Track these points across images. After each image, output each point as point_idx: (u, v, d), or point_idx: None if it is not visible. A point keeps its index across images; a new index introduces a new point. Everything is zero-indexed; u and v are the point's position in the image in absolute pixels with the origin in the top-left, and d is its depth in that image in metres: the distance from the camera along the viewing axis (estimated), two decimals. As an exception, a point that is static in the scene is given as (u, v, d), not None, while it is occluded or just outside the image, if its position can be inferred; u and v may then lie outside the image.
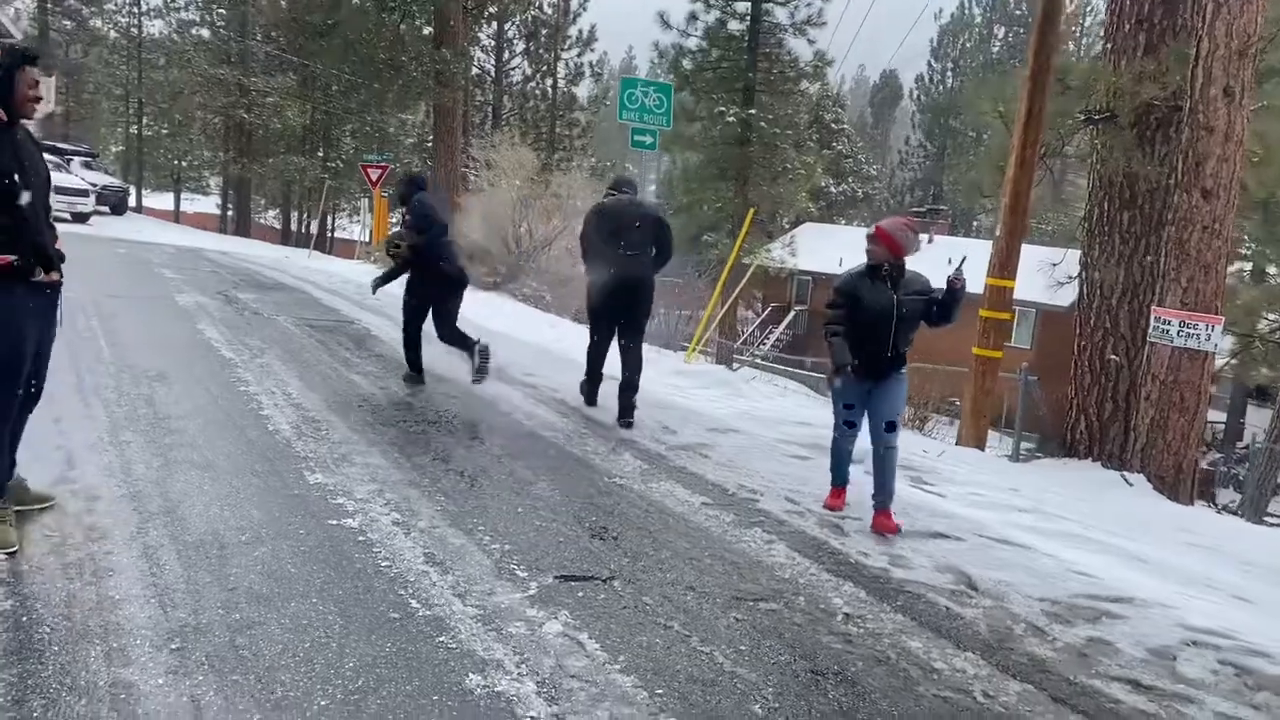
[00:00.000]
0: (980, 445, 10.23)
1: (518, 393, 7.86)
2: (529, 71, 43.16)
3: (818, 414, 8.37)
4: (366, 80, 34.88)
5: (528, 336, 11.36)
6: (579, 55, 43.47)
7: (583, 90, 45.12)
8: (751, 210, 14.46)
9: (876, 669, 3.58)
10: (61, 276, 4.04)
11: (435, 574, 3.98)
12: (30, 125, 4.00)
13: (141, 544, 3.99)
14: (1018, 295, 10.99)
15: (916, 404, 13.35)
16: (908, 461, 6.94)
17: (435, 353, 7.95)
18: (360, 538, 4.30)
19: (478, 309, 13.81)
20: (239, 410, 6.25)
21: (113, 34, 44.54)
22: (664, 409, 7.86)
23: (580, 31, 43.47)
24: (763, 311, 39.13)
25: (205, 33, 42.75)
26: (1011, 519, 5.97)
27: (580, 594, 3.94)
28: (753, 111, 28.68)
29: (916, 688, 3.46)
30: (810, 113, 37.55)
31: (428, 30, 31.64)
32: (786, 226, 40.59)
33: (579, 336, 11.89)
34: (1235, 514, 15.90)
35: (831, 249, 37.16)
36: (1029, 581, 4.64)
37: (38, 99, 3.88)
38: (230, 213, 44.51)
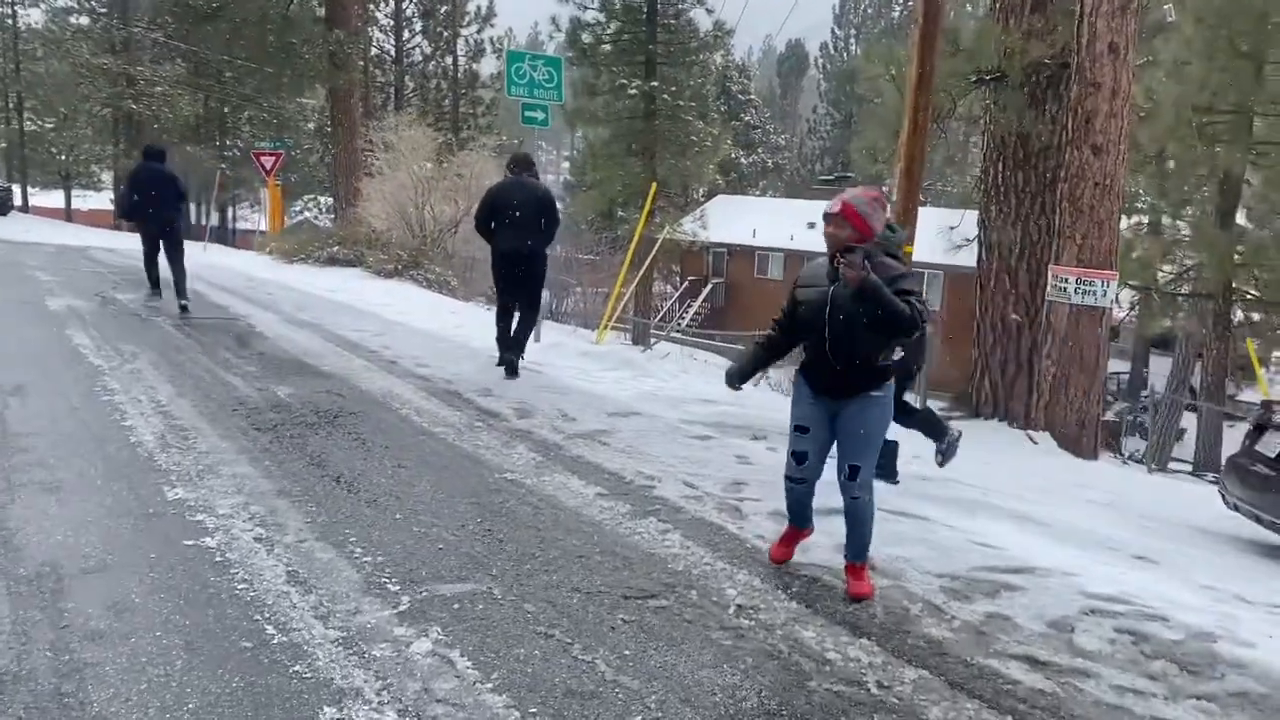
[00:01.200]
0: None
1: (408, 386, 7.53)
2: (428, 50, 42.20)
3: (723, 391, 8.21)
4: (259, 65, 33.67)
5: (426, 324, 11.00)
6: (479, 31, 42.62)
7: (486, 67, 44.32)
8: (654, 184, 14.22)
9: (767, 664, 3.40)
10: None
11: (297, 594, 3.69)
12: None
13: (-34, 582, 3.62)
14: (922, 258, 10.97)
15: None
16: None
17: (321, 352, 7.60)
18: (218, 558, 3.98)
19: (377, 296, 13.40)
20: (100, 422, 5.83)
21: (-16, 26, 42.32)
22: (564, 394, 7.62)
23: (479, 7, 42.62)
24: (680, 285, 39.06)
25: (84, 20, 40.82)
26: (912, 488, 5.88)
27: (456, 606, 3.69)
28: (655, 84, 28.39)
29: (808, 683, 3.29)
30: (716, 84, 37.44)
31: (321, 12, 30.67)
32: (702, 199, 40.54)
33: (480, 322, 11.58)
34: (1140, 462, 16.33)
35: (744, 221, 37.29)
36: (928, 556, 4.53)
37: None
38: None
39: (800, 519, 4.29)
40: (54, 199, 44.29)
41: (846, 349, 3.89)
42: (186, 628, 3.37)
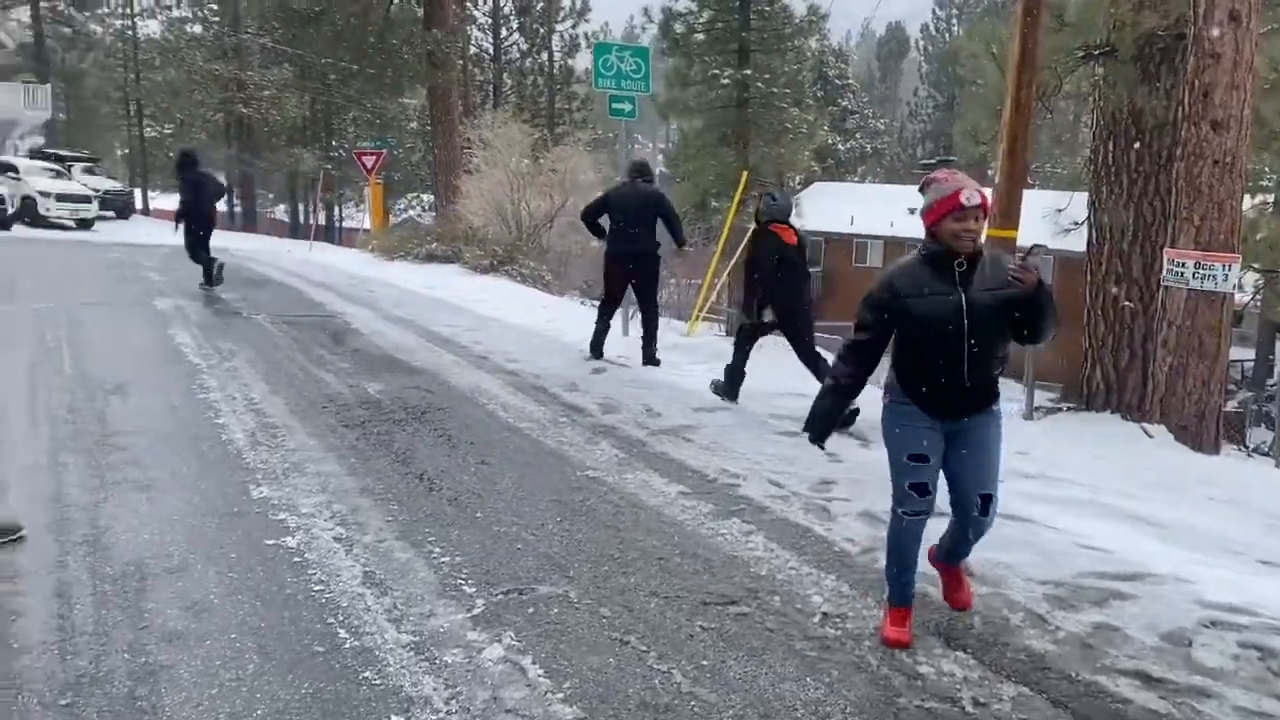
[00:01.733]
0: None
1: (497, 381, 7.51)
2: (525, 47, 42.56)
3: (814, 384, 7.98)
4: (361, 67, 34.44)
5: (519, 319, 11.01)
6: (574, 27, 42.81)
7: (581, 62, 44.46)
8: (745, 173, 13.97)
9: (854, 678, 3.22)
10: None
11: (371, 596, 3.65)
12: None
13: (56, 580, 3.68)
14: (1031, 242, 10.50)
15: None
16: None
17: (414, 348, 7.64)
18: (296, 558, 3.98)
19: (473, 292, 13.50)
20: (195, 420, 5.95)
21: (108, 38, 44.37)
22: (651, 389, 7.50)
23: (574, 2, 42.76)
24: (776, 275, 38.48)
25: (198, 29, 42.43)
26: (1016, 487, 5.56)
27: (531, 610, 3.60)
28: (748, 72, 28.03)
29: (898, 699, 3.10)
30: (812, 70, 36.78)
31: (420, 12, 31.19)
32: (798, 187, 39.95)
33: (572, 317, 11.55)
34: (1267, 455, 15.39)
35: (841, 208, 36.56)
36: (1031, 561, 4.25)
37: None
38: (237, 208, 44.33)
39: (905, 593, 3.55)
40: (171, 201, 46.18)
41: (984, 362, 3.37)
42: (261, 630, 3.36)
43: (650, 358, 8.65)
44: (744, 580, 3.97)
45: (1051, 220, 12.65)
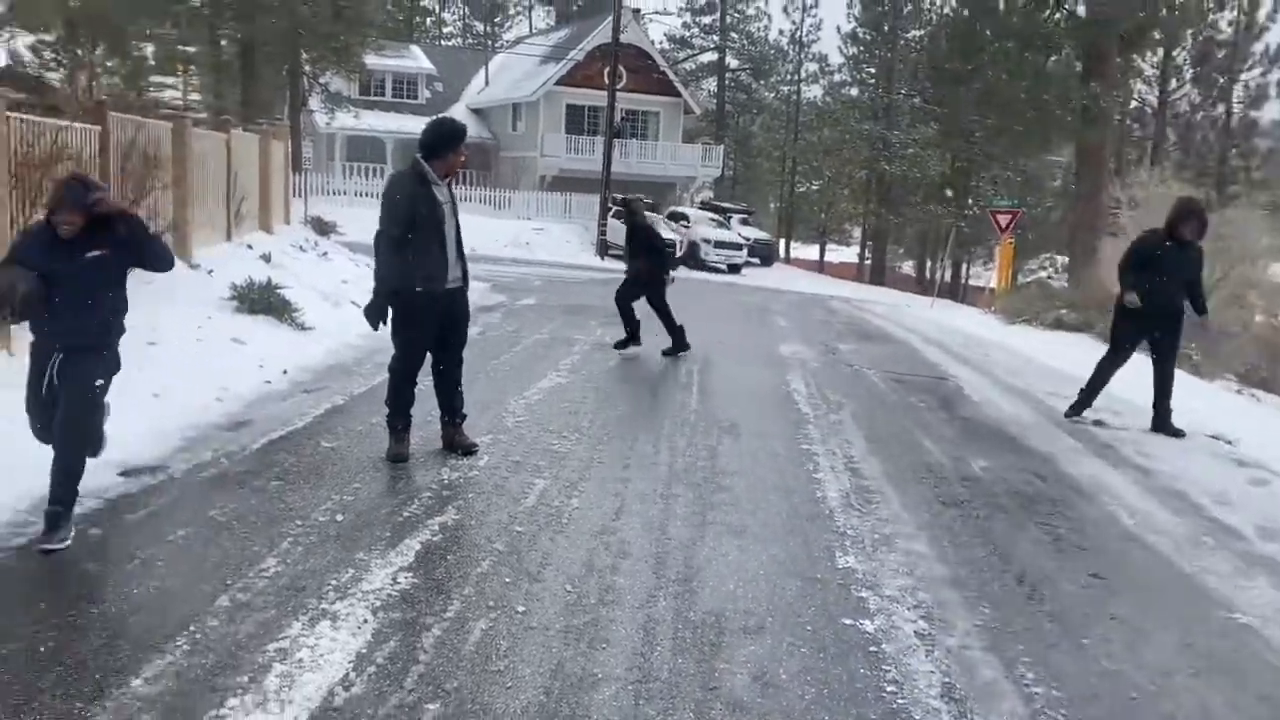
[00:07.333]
0: None
1: (1122, 478, 6.51)
2: (1197, 99, 38.25)
3: None
4: (1007, 124, 33.76)
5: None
6: (1263, 74, 37.40)
7: (1269, 113, 38.72)
8: None
9: None
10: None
11: (948, 716, 3.19)
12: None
13: (645, 615, 3.80)
14: None
15: None
16: None
17: (1028, 424, 6.95)
18: (872, 647, 3.66)
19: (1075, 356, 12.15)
20: (793, 471, 5.98)
21: (775, 103, 49.31)
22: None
23: (1267, 47, 37.40)
24: None
25: (855, 91, 45.18)
26: None
27: (1142, 789, 2.86)
28: None
29: None
30: None
31: (1078, 66, 29.69)
32: None
33: (1222, 407, 9.78)
34: None
35: None
36: None
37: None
38: (868, 262, 46.19)
39: None
40: (810, 252, 49.68)
41: None
42: (822, 725, 3.09)
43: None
44: None
45: None
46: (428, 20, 57.43)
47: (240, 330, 8.27)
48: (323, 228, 16.16)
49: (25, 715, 2.82)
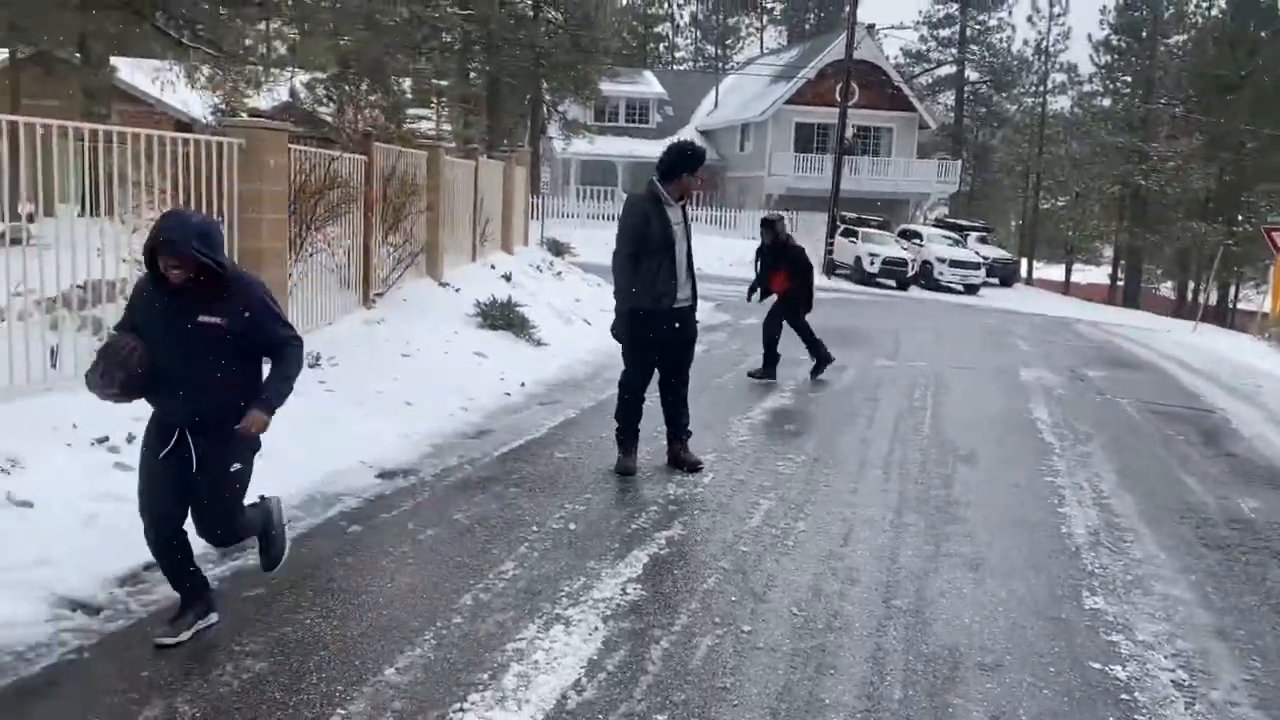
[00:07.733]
0: None
1: None
2: None
3: None
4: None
5: None
6: None
7: None
8: None
9: None
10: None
11: (1211, 780, 2.91)
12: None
13: (874, 644, 3.70)
14: None
15: None
16: None
17: None
18: (1124, 696, 3.40)
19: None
20: (1036, 504, 5.65)
21: (1017, 115, 47.08)
22: None
23: None
24: None
25: (1107, 102, 42.50)
26: None
27: None
28: None
29: None
30: None
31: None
32: None
33: None
34: None
35: None
36: None
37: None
38: (1120, 283, 43.14)
39: None
40: (1055, 272, 46.93)
41: None
42: (1066, 774, 2.89)
43: None
44: None
45: None
46: (660, 45, 58.83)
47: (483, 344, 8.74)
48: (558, 249, 16.83)
49: (295, 694, 3.08)
